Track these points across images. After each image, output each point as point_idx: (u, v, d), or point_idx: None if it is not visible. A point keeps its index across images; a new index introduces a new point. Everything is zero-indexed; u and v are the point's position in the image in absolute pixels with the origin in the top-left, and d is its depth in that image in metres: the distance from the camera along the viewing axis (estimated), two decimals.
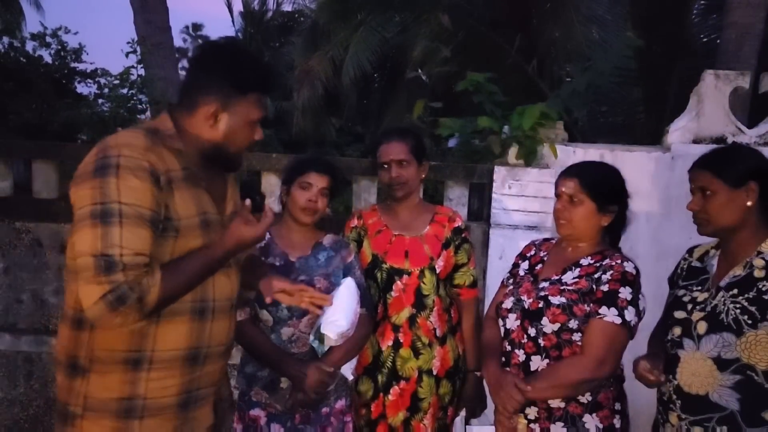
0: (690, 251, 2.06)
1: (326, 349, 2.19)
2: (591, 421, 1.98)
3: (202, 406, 1.68)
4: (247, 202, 1.59)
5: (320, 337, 2.16)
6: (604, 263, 2.02)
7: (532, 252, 2.26)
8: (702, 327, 1.81)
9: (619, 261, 2.01)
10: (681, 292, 1.94)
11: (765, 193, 1.82)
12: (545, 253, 2.21)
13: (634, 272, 1.99)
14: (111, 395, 1.52)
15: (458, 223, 2.54)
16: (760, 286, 1.75)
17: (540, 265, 2.17)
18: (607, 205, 2.05)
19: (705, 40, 8.02)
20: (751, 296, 1.75)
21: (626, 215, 2.12)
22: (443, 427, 2.50)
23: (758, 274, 1.77)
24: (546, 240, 2.31)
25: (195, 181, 1.58)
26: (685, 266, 2.03)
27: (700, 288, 1.90)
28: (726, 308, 1.77)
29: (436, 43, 7.06)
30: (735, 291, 1.78)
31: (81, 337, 1.53)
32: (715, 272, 1.89)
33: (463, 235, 2.54)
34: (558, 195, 2.09)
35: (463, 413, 2.55)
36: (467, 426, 2.26)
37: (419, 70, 10.08)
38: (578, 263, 2.07)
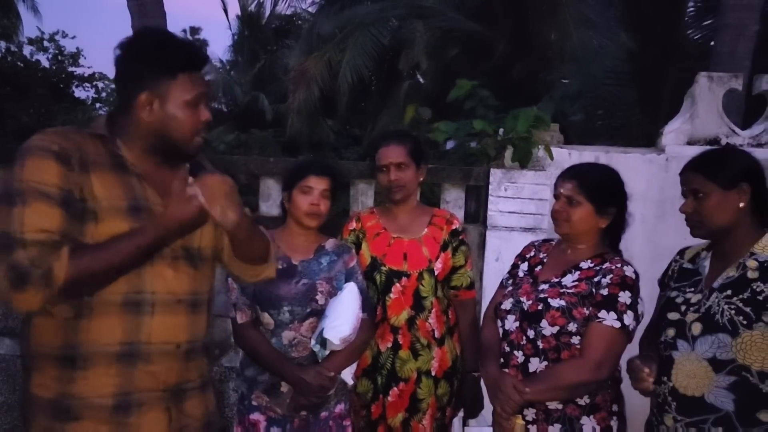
0: (681, 253, 2.08)
1: (327, 353, 2.20)
2: (588, 423, 1.99)
3: (145, 412, 1.54)
4: (189, 179, 1.46)
5: (322, 342, 2.16)
6: (603, 267, 2.03)
7: (532, 253, 2.27)
8: (697, 328, 1.81)
9: (618, 265, 2.02)
10: (673, 293, 1.95)
11: (757, 194, 1.84)
12: (545, 254, 2.22)
13: (633, 276, 2.00)
14: (47, 394, 1.48)
15: (456, 226, 2.56)
16: (754, 287, 1.76)
17: (539, 267, 2.18)
18: (606, 207, 2.06)
19: (699, 42, 8.06)
20: (745, 297, 1.76)
21: (625, 218, 2.13)
22: (441, 428, 2.52)
23: (752, 274, 1.78)
24: (546, 241, 2.32)
25: (125, 168, 1.53)
26: (677, 268, 2.04)
27: (693, 289, 1.90)
28: (721, 309, 1.78)
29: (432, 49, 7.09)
30: (729, 292, 1.79)
31: (27, 335, 1.51)
32: (708, 273, 1.90)
33: (460, 237, 2.56)
34: (556, 196, 2.11)
35: (460, 414, 2.57)
36: (465, 427, 2.27)
37: (417, 74, 10.13)
38: (578, 266, 2.08)
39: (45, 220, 1.36)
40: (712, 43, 6.23)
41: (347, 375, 2.29)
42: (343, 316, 2.15)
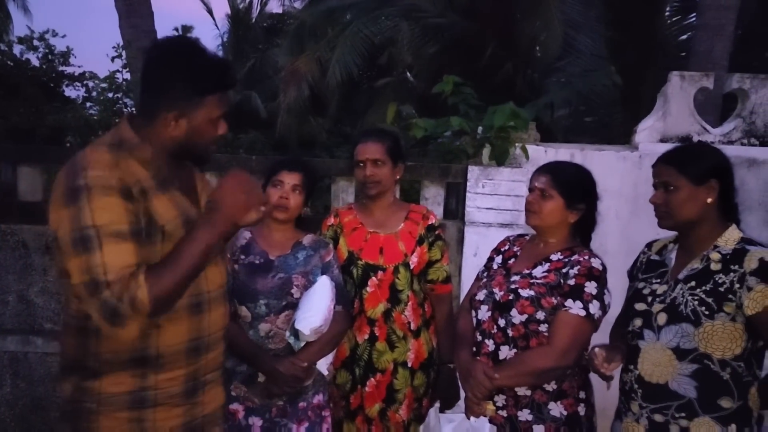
0: (649, 245, 2.14)
1: (302, 344, 2.25)
2: (556, 408, 2.07)
3: (210, 389, 1.73)
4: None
5: (295, 333, 2.21)
6: (572, 259, 2.10)
7: (506, 247, 2.34)
8: (662, 318, 1.87)
9: (586, 257, 2.10)
10: (641, 284, 2.01)
11: (724, 191, 1.89)
12: (518, 248, 2.29)
13: (600, 268, 2.07)
14: (123, 389, 1.57)
15: (432, 221, 2.62)
16: (717, 279, 1.81)
17: (513, 260, 2.25)
18: (576, 203, 2.14)
19: (679, 40, 8.15)
20: (708, 288, 1.81)
21: (595, 216, 2.21)
22: (419, 418, 2.57)
23: (715, 267, 1.83)
24: (520, 236, 2.39)
25: (167, 185, 1.60)
26: (644, 260, 2.10)
27: (659, 280, 1.96)
28: (684, 300, 1.83)
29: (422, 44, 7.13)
30: (693, 283, 1.85)
31: (87, 343, 1.56)
32: (674, 265, 1.96)
33: (436, 232, 2.61)
34: (531, 189, 2.19)
35: (437, 404, 2.63)
36: (440, 414, 2.33)
37: (406, 72, 10.17)
38: (548, 258, 2.16)
39: (122, 258, 1.43)
40: (691, 42, 6.31)
41: (323, 366, 2.34)
42: (314, 308, 2.20)
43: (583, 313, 2.00)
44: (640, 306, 1.96)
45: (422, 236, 2.58)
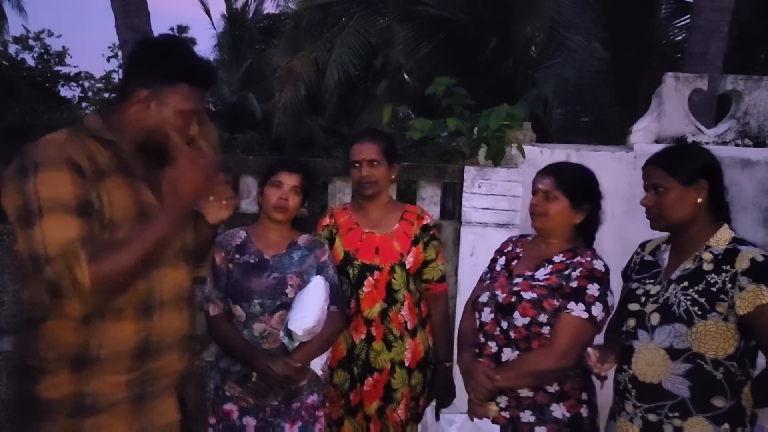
0: (642, 246, 2.15)
1: (296, 344, 2.25)
2: (558, 410, 2.06)
3: (161, 401, 1.65)
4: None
5: (289, 334, 2.22)
6: (574, 260, 2.10)
7: (509, 248, 2.34)
8: (655, 318, 1.87)
9: (588, 259, 2.09)
10: (634, 285, 2.02)
11: (714, 190, 1.90)
12: (521, 249, 2.29)
13: (603, 270, 2.07)
14: (60, 394, 1.50)
15: (426, 221, 2.63)
16: (709, 279, 1.82)
17: (515, 261, 2.25)
18: (581, 203, 2.14)
19: (674, 41, 8.20)
20: (700, 288, 1.82)
21: (599, 215, 2.21)
22: (416, 417, 2.58)
23: (707, 267, 1.84)
24: (522, 236, 2.39)
25: (129, 170, 1.57)
26: (638, 260, 2.11)
27: (652, 281, 1.96)
28: (677, 300, 1.84)
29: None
30: (685, 283, 1.85)
31: (29, 339, 1.53)
32: (667, 266, 1.96)
33: (431, 232, 2.62)
34: (535, 191, 2.18)
35: (433, 403, 2.64)
36: (441, 414, 2.34)
37: (403, 72, 10.19)
38: (551, 260, 2.15)
39: (64, 232, 1.39)
40: (686, 44, 6.34)
41: (317, 366, 2.34)
42: (307, 308, 2.21)
43: (585, 315, 2.00)
44: (633, 306, 1.96)
45: (417, 236, 2.59)
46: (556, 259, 2.14)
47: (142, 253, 1.44)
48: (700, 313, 1.80)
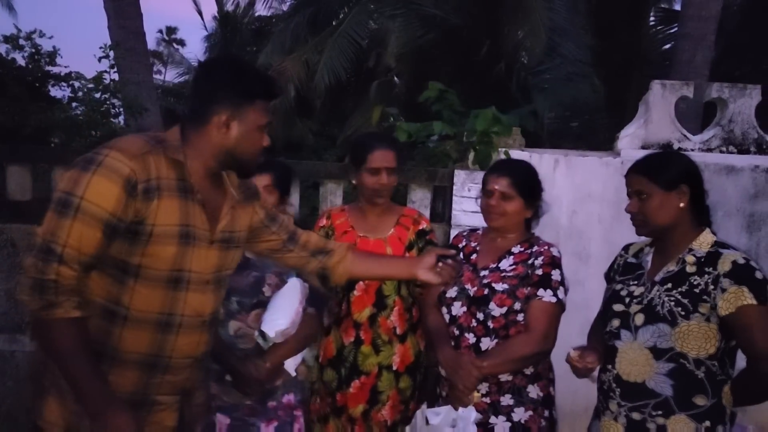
0: (626, 248, 2.19)
1: (270, 345, 2.24)
2: (533, 390, 2.22)
3: (159, 411, 1.70)
4: None
5: (263, 334, 2.21)
6: (533, 250, 2.27)
7: (463, 243, 2.44)
8: (639, 319, 1.91)
9: (546, 247, 2.28)
10: (618, 286, 2.06)
11: (695, 195, 1.95)
12: (476, 243, 2.40)
13: (558, 255, 2.27)
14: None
15: (422, 226, 2.62)
16: (692, 281, 1.86)
17: (475, 255, 2.36)
18: (533, 201, 2.31)
19: (662, 49, 8.30)
20: (683, 290, 1.87)
21: (541, 208, 2.38)
22: (406, 420, 2.56)
23: (690, 269, 1.89)
24: (472, 231, 2.50)
25: (188, 193, 1.62)
26: (621, 262, 2.15)
27: (636, 282, 2.01)
28: (661, 301, 1.88)
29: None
30: (669, 285, 1.90)
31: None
32: (650, 268, 2.00)
33: (427, 237, 2.62)
34: (490, 191, 2.29)
35: (424, 405, 2.65)
36: (426, 409, 2.36)
37: (393, 75, 10.20)
38: (510, 251, 2.30)
39: (84, 242, 1.47)
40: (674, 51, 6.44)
41: (291, 367, 2.33)
42: (282, 310, 2.21)
43: (554, 299, 2.19)
44: (617, 307, 2.00)
45: (412, 242, 2.59)
46: (515, 250, 2.29)
47: (70, 371, 1.51)
48: (683, 313, 1.84)
